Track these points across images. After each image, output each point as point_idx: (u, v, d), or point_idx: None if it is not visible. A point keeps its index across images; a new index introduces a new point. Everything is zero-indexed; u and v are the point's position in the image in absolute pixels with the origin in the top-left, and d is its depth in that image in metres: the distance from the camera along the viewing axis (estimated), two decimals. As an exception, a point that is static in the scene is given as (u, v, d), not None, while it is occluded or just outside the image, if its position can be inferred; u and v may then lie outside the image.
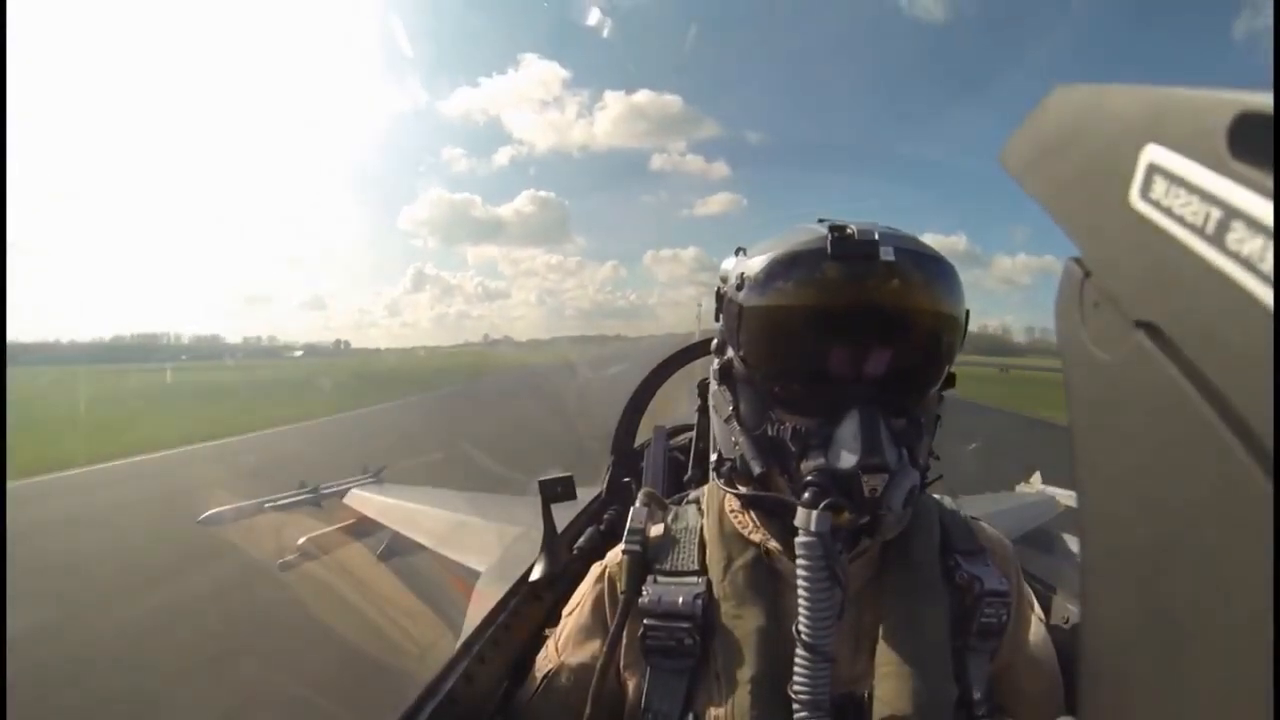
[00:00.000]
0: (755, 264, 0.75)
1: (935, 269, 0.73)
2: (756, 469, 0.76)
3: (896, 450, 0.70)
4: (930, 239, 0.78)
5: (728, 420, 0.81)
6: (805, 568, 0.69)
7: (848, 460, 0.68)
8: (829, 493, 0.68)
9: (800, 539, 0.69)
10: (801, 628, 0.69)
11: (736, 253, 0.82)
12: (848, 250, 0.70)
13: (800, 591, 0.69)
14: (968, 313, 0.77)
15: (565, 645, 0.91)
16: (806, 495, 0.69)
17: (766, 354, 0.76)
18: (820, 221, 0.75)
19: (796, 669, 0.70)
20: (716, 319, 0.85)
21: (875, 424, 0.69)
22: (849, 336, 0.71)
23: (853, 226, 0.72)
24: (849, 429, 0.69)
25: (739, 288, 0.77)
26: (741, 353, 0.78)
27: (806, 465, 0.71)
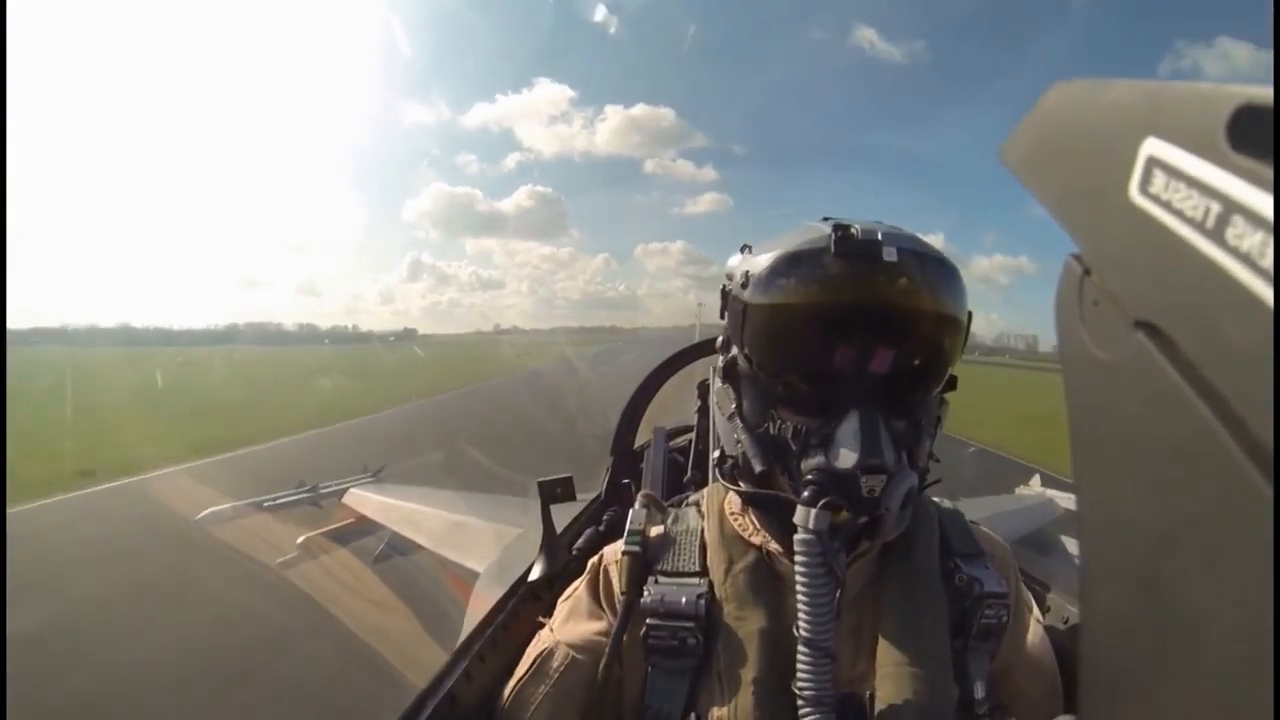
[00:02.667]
0: (760, 262, 0.75)
1: (937, 270, 0.73)
2: (758, 466, 0.76)
3: (896, 452, 0.70)
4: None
5: (730, 417, 0.81)
6: (803, 564, 0.69)
7: (847, 460, 0.69)
8: (828, 491, 0.69)
9: (798, 536, 0.69)
10: (801, 625, 0.70)
11: (742, 250, 0.82)
12: (850, 250, 0.70)
13: (799, 588, 0.70)
14: (970, 314, 0.76)
15: (560, 627, 0.90)
16: (805, 494, 0.69)
17: (769, 352, 0.76)
18: (825, 220, 0.75)
19: (799, 666, 0.70)
20: (721, 316, 0.85)
21: (875, 424, 0.69)
22: (849, 336, 0.71)
23: (856, 226, 0.72)
24: (849, 429, 0.69)
25: (744, 285, 0.77)
26: (745, 350, 0.78)
27: (806, 464, 0.71)
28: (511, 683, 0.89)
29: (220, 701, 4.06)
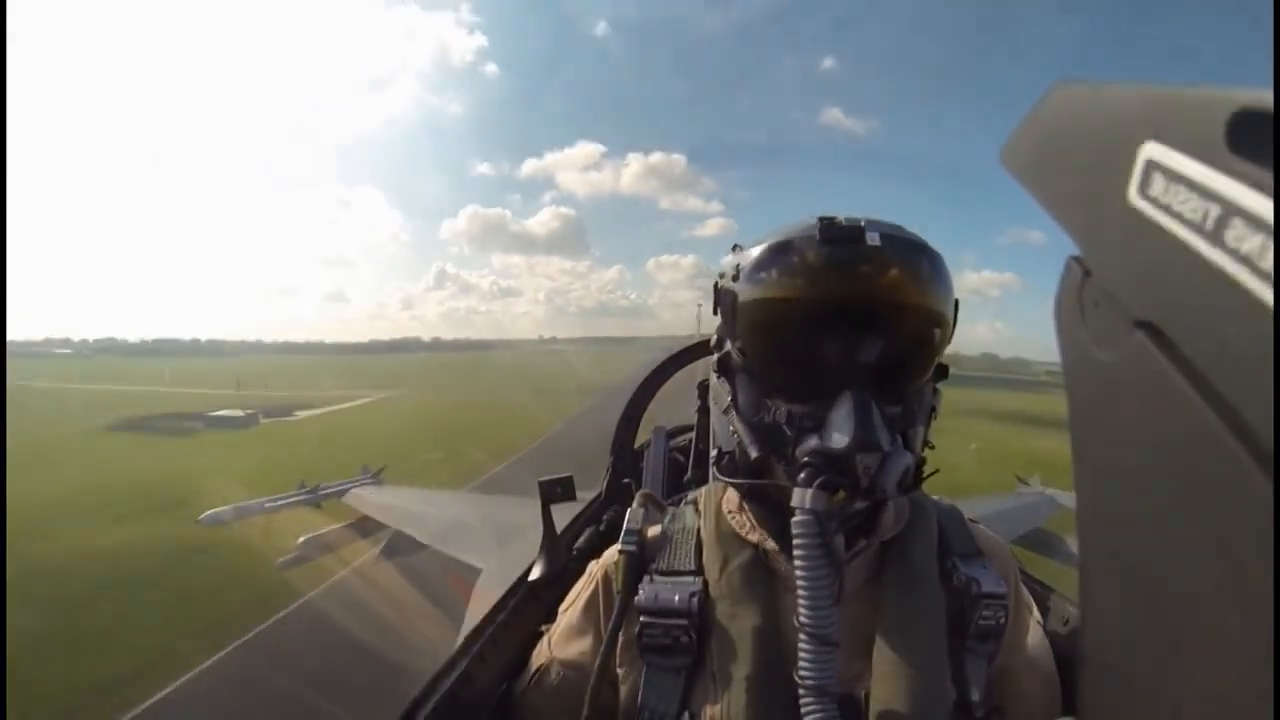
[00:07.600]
0: (749, 255, 0.77)
1: (922, 256, 0.73)
2: (754, 454, 0.76)
3: (890, 433, 0.71)
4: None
5: (726, 411, 0.81)
6: (802, 547, 0.68)
7: (840, 440, 0.69)
8: (823, 472, 0.69)
9: (796, 519, 0.69)
10: (801, 612, 0.69)
11: (734, 249, 0.83)
12: (835, 235, 0.71)
13: (798, 574, 0.69)
14: (957, 302, 0.77)
15: (557, 643, 0.92)
16: (802, 475, 0.70)
17: (761, 342, 0.77)
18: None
19: (801, 656, 0.69)
20: (715, 313, 0.85)
21: (867, 405, 0.70)
22: (838, 320, 0.72)
23: (841, 217, 0.73)
24: (842, 410, 0.70)
25: (735, 279, 0.78)
26: (739, 343, 0.79)
27: (801, 448, 0.72)
28: (518, 688, 0.92)
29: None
